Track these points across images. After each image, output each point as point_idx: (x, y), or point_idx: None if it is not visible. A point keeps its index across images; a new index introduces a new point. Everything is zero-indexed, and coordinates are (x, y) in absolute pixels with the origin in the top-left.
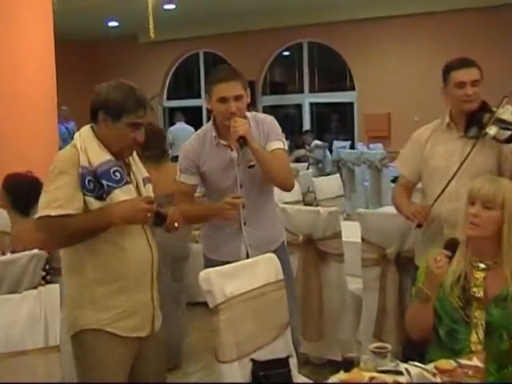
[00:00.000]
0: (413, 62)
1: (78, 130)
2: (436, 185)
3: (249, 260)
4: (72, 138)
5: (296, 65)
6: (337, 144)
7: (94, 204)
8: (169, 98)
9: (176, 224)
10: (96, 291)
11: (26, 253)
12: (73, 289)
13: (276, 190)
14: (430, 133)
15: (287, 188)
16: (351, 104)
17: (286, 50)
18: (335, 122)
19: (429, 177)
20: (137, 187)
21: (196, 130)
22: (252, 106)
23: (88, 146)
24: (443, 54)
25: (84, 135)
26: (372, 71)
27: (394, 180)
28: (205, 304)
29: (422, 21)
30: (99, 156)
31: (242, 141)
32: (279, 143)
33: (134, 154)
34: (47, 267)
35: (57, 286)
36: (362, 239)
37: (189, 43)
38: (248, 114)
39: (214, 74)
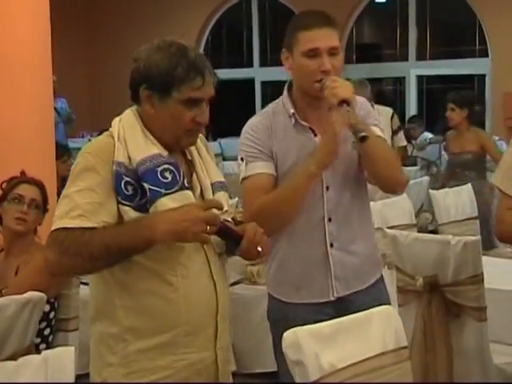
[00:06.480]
0: None
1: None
2: None
3: (357, 315)
4: (64, 122)
5: (397, 18)
6: None
7: (133, 217)
8: None
9: (259, 248)
10: (130, 346)
11: (16, 297)
12: (98, 340)
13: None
14: None
15: (398, 187)
16: (482, 77)
17: None
18: None
19: None
20: (201, 195)
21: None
22: None
23: (129, 136)
24: None
25: (125, 121)
26: None
27: None
28: (262, 376)
29: None
30: (143, 149)
31: (346, 106)
32: (379, 130)
33: (200, 144)
34: (50, 316)
35: (71, 349)
36: None
37: None
38: None
39: (298, 19)
